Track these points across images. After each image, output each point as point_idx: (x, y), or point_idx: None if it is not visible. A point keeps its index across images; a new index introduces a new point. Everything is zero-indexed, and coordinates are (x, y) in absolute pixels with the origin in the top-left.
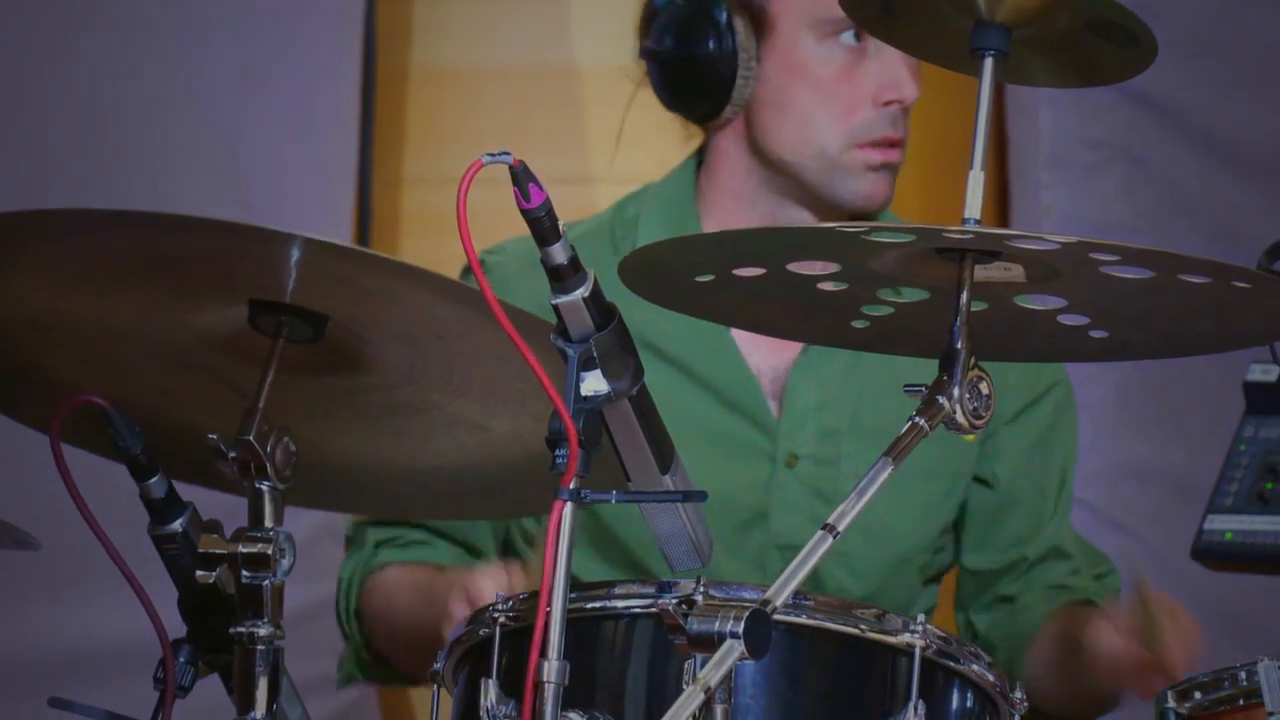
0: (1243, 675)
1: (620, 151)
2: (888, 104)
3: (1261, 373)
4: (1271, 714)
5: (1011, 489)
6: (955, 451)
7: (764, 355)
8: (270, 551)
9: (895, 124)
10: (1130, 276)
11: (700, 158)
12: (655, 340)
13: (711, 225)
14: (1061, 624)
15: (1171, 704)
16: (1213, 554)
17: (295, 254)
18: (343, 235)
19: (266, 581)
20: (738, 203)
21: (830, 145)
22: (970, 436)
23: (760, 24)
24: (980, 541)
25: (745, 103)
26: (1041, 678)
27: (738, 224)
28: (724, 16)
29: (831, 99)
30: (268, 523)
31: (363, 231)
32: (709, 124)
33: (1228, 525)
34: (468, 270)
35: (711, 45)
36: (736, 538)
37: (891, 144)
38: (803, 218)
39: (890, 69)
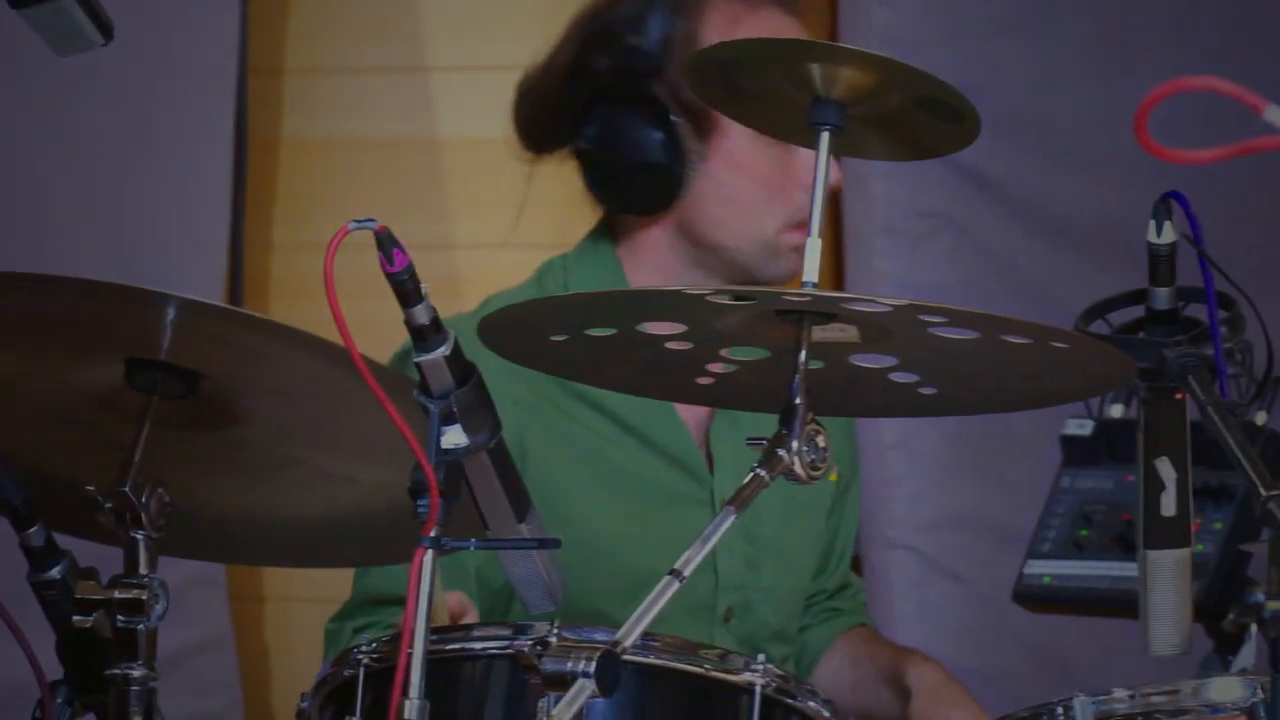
0: (1060, 711)
1: (480, 219)
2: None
3: (1077, 427)
4: None
5: (827, 527)
6: (822, 488)
7: (690, 408)
8: (144, 597)
9: None
10: (957, 337)
11: (610, 231)
12: (601, 401)
13: None
14: (857, 649)
15: None
16: (1032, 597)
17: (170, 314)
18: (216, 296)
19: (141, 626)
20: (664, 277)
21: (769, 230)
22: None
23: (706, 124)
24: None
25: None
26: (831, 692)
27: None
28: (667, 119)
29: (773, 190)
30: (142, 570)
31: (235, 293)
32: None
33: (1046, 570)
34: (398, 358)
35: (659, 152)
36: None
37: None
38: None
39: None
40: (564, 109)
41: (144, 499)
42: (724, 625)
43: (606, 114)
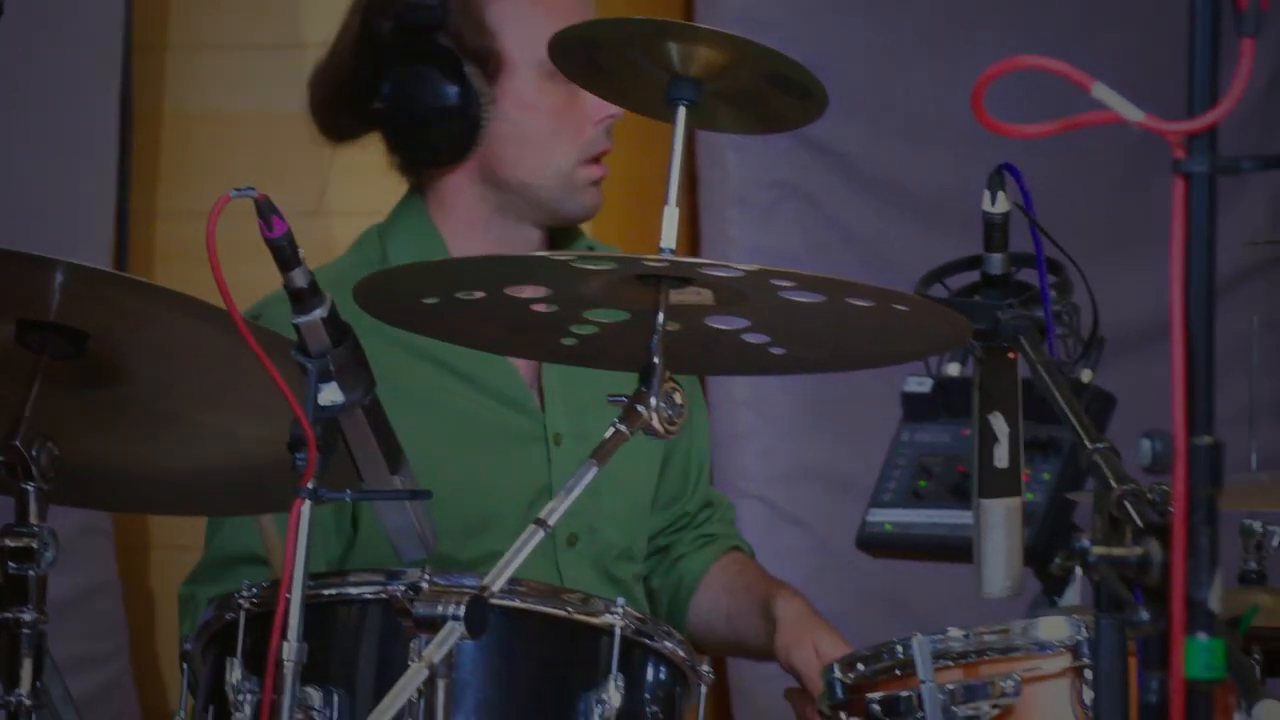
0: (899, 649)
1: (355, 187)
2: (603, 120)
3: (916, 384)
4: (924, 682)
5: (669, 451)
6: None
7: None
8: (34, 545)
9: (609, 137)
10: (804, 300)
11: (421, 192)
12: (430, 350)
13: (459, 252)
14: (733, 579)
15: (838, 674)
16: (874, 543)
17: (59, 278)
18: (103, 262)
19: (31, 572)
20: (473, 229)
21: (565, 165)
22: None
23: (493, 67)
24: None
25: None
26: (709, 621)
27: (479, 248)
28: (455, 68)
29: (563, 124)
30: (32, 520)
31: (121, 259)
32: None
33: (887, 518)
34: (261, 310)
35: (455, 98)
36: (529, 512)
37: (603, 158)
38: (532, 235)
39: None
40: (357, 82)
41: (34, 452)
42: (570, 549)
43: (397, 72)
